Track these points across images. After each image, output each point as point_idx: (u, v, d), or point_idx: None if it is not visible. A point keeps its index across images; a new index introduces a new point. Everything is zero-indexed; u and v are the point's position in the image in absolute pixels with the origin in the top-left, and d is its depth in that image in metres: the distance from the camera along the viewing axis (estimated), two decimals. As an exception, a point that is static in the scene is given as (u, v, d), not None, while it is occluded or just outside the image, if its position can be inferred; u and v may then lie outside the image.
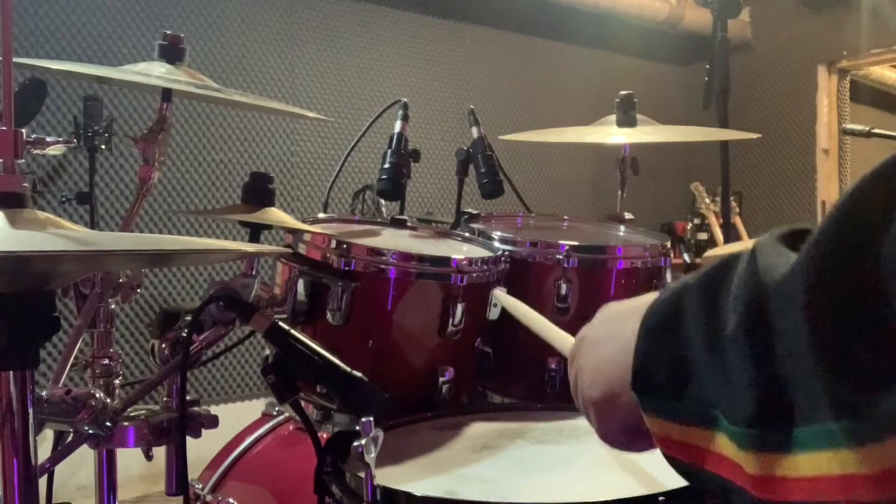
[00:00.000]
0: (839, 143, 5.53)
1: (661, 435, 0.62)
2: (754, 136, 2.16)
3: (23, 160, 0.88)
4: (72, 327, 1.29)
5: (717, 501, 1.07)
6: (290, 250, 1.42)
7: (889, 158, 0.48)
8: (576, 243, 1.58)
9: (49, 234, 0.82)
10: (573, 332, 1.58)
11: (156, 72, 1.35)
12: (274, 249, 1.29)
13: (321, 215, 1.64)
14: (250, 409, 3.78)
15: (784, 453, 0.51)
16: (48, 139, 1.44)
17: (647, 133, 2.02)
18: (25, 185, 0.87)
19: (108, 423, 1.17)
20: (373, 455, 0.99)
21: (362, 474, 1.01)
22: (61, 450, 1.21)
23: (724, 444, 0.56)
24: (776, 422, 0.52)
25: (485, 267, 1.44)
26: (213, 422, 1.27)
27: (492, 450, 1.24)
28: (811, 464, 0.50)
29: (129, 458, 1.33)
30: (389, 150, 1.73)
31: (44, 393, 1.14)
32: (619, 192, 2.03)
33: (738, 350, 0.53)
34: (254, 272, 1.29)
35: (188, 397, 1.24)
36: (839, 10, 5.52)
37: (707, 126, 2.47)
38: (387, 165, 1.72)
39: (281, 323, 1.16)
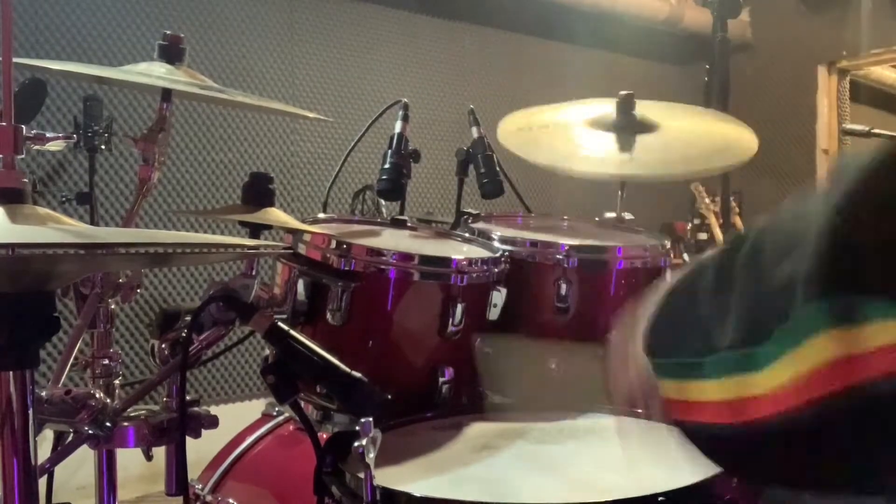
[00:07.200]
0: (839, 143, 5.53)
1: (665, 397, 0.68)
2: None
3: (22, 156, 0.88)
4: (72, 327, 1.28)
5: (716, 501, 1.07)
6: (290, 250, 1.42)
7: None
8: (576, 243, 1.58)
9: (49, 229, 0.82)
10: (573, 332, 1.58)
11: (156, 72, 1.35)
12: (274, 245, 1.29)
13: (321, 215, 1.63)
14: (250, 409, 3.78)
15: (755, 371, 0.58)
16: (48, 135, 1.44)
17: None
18: (25, 180, 0.87)
19: (108, 424, 1.17)
20: (372, 455, 0.99)
21: (362, 475, 1.01)
22: (61, 450, 1.20)
23: (701, 389, 0.62)
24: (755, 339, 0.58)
25: (485, 267, 1.44)
26: (213, 422, 1.27)
27: (492, 450, 1.24)
28: (772, 378, 0.58)
29: (129, 458, 1.33)
30: (390, 151, 1.73)
31: (44, 393, 1.14)
32: (619, 192, 2.02)
33: (738, 279, 0.61)
34: (254, 272, 1.29)
35: (188, 397, 1.24)
36: (839, 10, 5.51)
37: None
38: (387, 166, 1.72)
39: (281, 323, 1.16)
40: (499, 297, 1.46)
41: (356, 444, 0.99)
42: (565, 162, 1.99)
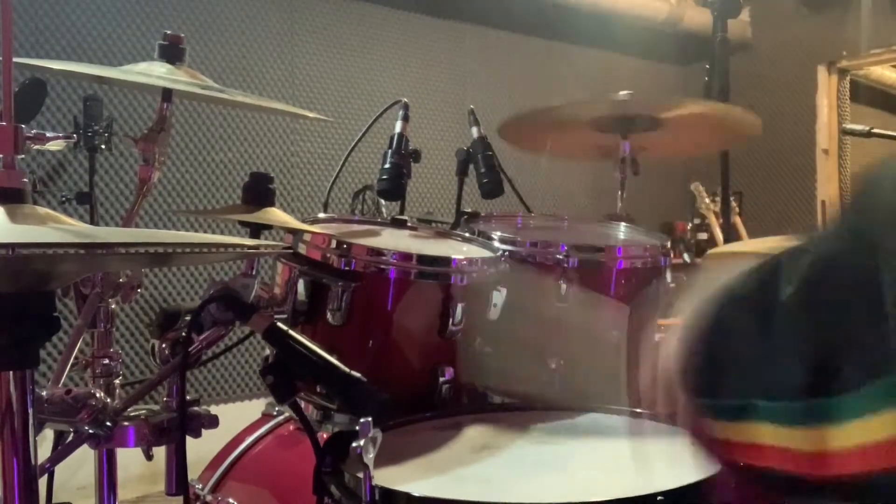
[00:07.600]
0: (839, 143, 5.52)
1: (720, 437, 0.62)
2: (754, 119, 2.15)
3: (22, 155, 0.88)
4: (72, 327, 1.28)
5: (717, 501, 1.07)
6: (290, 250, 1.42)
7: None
8: (576, 243, 1.58)
9: (49, 229, 0.82)
10: (573, 332, 1.57)
11: (156, 72, 1.35)
12: (275, 245, 1.29)
13: (321, 215, 1.63)
14: (250, 409, 3.78)
15: (834, 423, 0.52)
16: (48, 135, 1.44)
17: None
18: (25, 180, 0.87)
19: (108, 423, 1.17)
20: (371, 455, 0.99)
21: (361, 475, 1.01)
22: (61, 450, 1.20)
23: (763, 433, 0.57)
24: (824, 388, 0.52)
25: (485, 267, 1.44)
26: (213, 422, 1.27)
27: (492, 450, 1.24)
28: (864, 430, 0.51)
29: (129, 458, 1.33)
30: (390, 151, 1.73)
31: (44, 393, 1.14)
32: (619, 192, 2.03)
33: (790, 322, 0.55)
34: (254, 272, 1.29)
35: (188, 397, 1.24)
36: (839, 10, 5.51)
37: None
38: (387, 165, 1.72)
39: (279, 323, 1.16)
40: (499, 297, 1.46)
41: (354, 444, 0.99)
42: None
